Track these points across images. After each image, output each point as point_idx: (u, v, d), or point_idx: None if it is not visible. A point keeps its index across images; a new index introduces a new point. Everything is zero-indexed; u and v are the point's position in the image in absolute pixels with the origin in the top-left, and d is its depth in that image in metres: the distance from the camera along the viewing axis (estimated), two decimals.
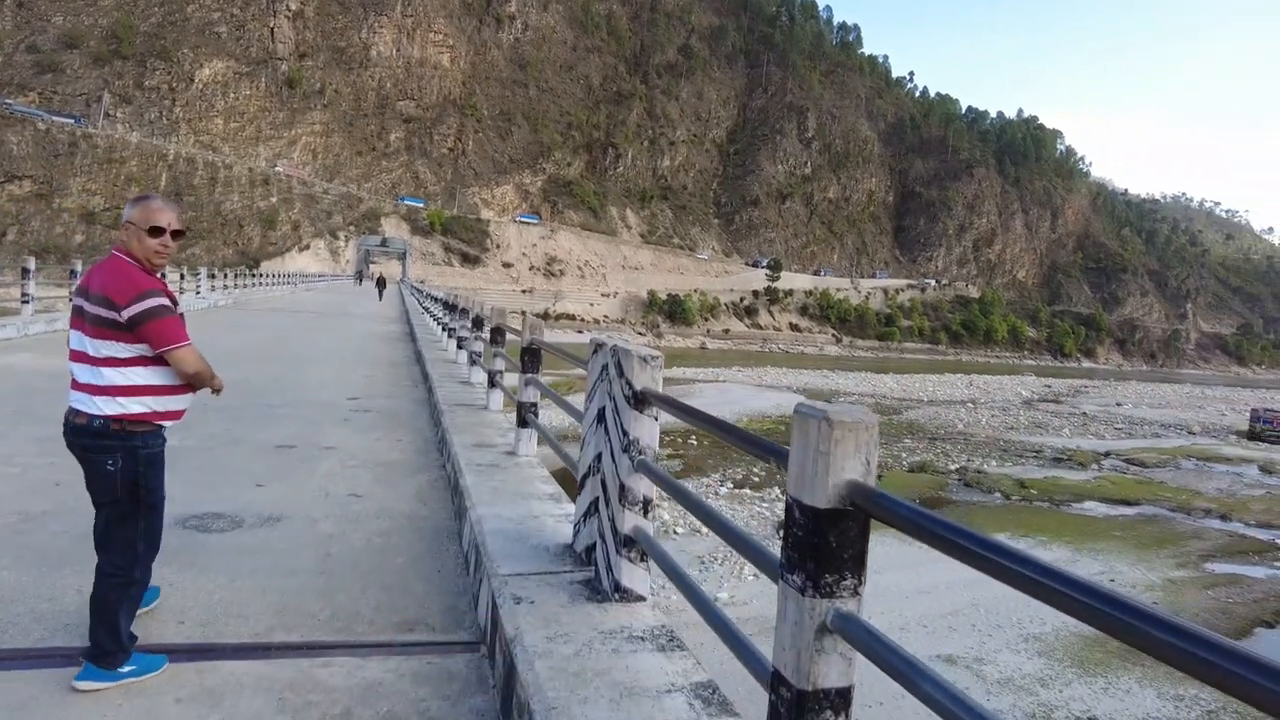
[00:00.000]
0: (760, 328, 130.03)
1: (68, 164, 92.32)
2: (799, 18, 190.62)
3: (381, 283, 42.16)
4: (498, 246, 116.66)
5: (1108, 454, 33.06)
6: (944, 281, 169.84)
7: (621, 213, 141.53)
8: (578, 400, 4.06)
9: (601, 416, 3.04)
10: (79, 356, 2.69)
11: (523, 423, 5.21)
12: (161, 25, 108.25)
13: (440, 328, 15.61)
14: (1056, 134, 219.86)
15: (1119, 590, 0.87)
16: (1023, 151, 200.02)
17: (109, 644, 2.58)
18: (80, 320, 2.70)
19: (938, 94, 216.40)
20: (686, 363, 70.46)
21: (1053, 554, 18.00)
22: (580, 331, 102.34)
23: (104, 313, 2.63)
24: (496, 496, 4.16)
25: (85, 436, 2.65)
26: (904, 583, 14.34)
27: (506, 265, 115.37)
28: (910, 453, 30.08)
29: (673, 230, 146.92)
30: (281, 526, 4.10)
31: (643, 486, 2.74)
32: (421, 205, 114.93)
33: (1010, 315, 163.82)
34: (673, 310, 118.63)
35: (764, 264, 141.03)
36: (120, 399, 2.65)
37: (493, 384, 7.08)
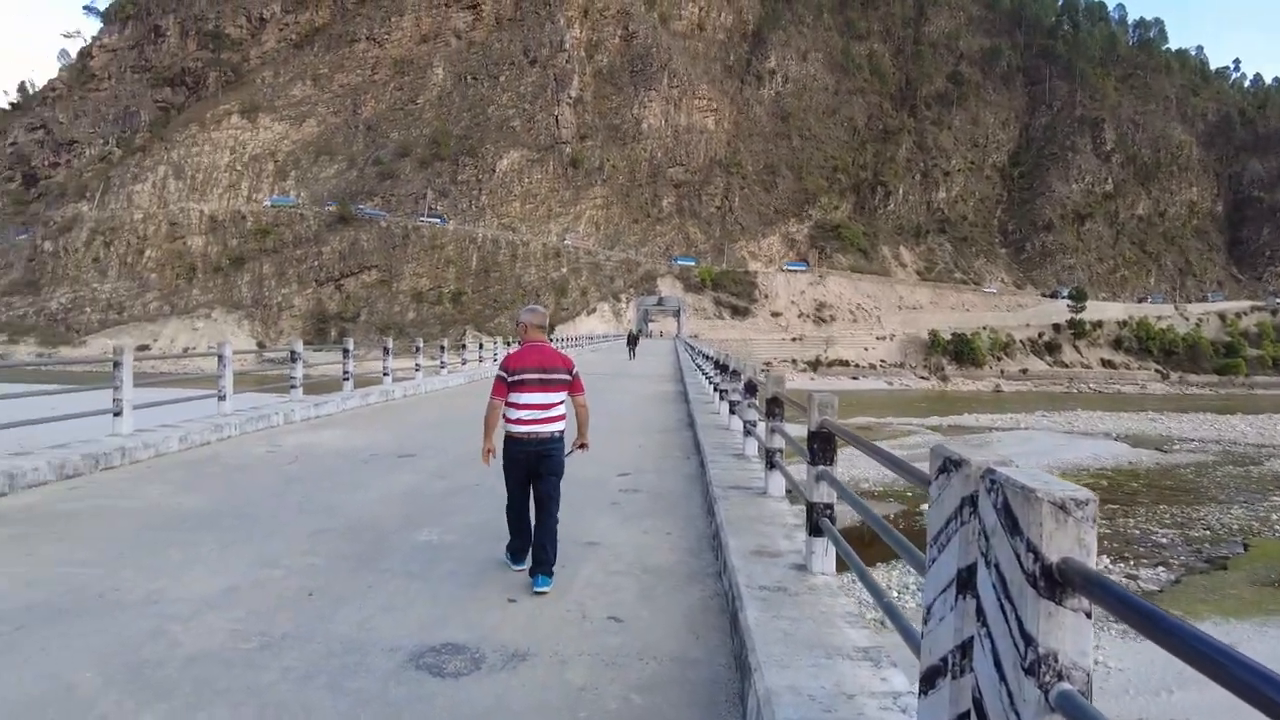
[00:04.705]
0: (1065, 365, 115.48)
1: (402, 253, 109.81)
2: (1084, 24, 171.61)
3: (633, 340, 40.90)
4: (766, 297, 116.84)
5: None
6: None
7: (894, 251, 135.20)
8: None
9: (966, 581, 1.79)
10: (542, 405, 4.46)
11: (815, 530, 4.04)
12: (470, 127, 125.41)
13: (712, 388, 14.95)
14: None
15: None
16: None
17: (554, 558, 4.36)
18: (542, 386, 4.46)
19: (1275, 79, 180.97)
20: (979, 408, 63.81)
21: None
22: (855, 378, 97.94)
23: (566, 377, 4.55)
24: (789, 648, 3.03)
25: (552, 444, 4.50)
26: None
27: (775, 314, 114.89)
28: None
29: (953, 264, 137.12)
30: (524, 670, 3.28)
31: None
32: (693, 264, 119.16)
33: None
34: (958, 350, 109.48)
35: (1064, 294, 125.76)
36: (564, 421, 4.59)
37: (771, 465, 6.00)
